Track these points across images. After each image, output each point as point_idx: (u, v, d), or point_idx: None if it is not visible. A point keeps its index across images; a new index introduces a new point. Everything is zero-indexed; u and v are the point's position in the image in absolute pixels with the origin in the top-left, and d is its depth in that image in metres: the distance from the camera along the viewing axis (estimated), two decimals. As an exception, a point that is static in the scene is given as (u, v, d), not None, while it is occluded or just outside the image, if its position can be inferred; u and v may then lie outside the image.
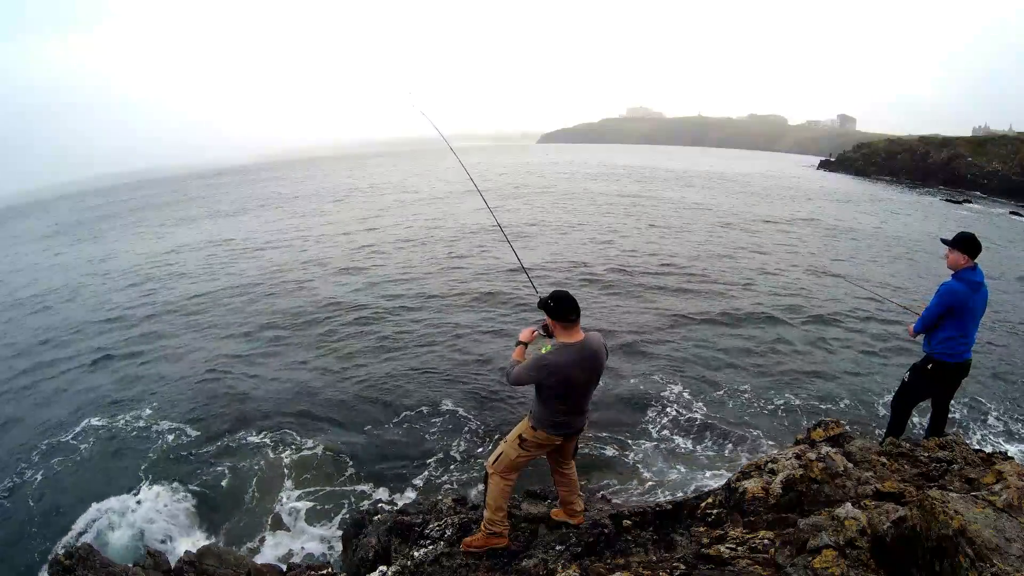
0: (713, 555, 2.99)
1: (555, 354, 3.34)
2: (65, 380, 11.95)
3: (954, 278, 4.42)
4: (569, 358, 3.32)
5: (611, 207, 32.74)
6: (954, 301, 4.33)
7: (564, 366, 3.30)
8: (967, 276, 4.37)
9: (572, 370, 3.32)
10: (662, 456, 7.99)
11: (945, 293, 4.38)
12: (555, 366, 3.31)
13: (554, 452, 3.75)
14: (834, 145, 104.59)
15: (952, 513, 2.37)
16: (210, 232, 30.50)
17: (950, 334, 4.43)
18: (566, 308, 3.32)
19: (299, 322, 14.01)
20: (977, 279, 4.37)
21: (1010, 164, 45.33)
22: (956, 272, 4.42)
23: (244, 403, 9.95)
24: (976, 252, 4.37)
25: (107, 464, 8.54)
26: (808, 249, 21.57)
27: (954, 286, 4.37)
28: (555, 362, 3.31)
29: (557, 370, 3.31)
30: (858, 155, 69.55)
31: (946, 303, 4.36)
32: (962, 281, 4.36)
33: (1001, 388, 9.79)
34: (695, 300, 14.70)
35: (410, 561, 4.00)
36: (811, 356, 11.16)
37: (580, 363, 3.33)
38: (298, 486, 7.74)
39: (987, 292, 4.48)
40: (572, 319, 3.34)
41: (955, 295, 4.33)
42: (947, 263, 4.52)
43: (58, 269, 25.03)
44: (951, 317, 4.39)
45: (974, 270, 4.37)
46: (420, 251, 21.39)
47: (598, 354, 3.41)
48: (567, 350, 3.34)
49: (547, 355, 3.34)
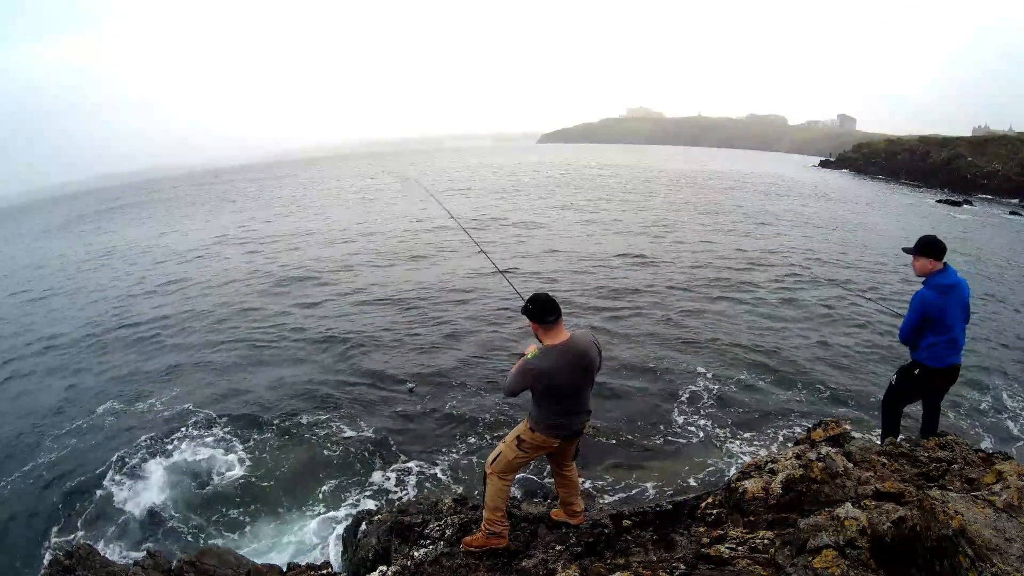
0: (713, 555, 2.99)
1: (538, 359, 3.30)
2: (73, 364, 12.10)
3: (925, 286, 4.37)
4: (552, 361, 3.28)
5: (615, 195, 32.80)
6: (927, 309, 4.29)
7: (548, 370, 3.27)
8: (937, 281, 4.32)
9: (557, 373, 3.28)
10: (662, 456, 7.99)
11: (917, 303, 4.34)
12: (539, 371, 3.28)
13: (554, 454, 3.74)
14: (834, 145, 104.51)
15: (952, 513, 2.37)
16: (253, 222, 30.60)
17: (933, 340, 4.38)
18: (542, 309, 3.30)
19: (302, 321, 14.01)
20: (948, 281, 4.31)
21: (1010, 164, 45.30)
22: (926, 279, 4.38)
23: (244, 402, 9.96)
24: (942, 254, 4.32)
25: (101, 456, 8.55)
26: (807, 249, 21.57)
27: (925, 294, 4.32)
28: (538, 367, 3.28)
29: (541, 375, 3.28)
30: (858, 155, 69.61)
31: (920, 311, 4.32)
32: (932, 288, 4.32)
33: (1002, 388, 9.78)
34: (694, 301, 14.70)
35: (410, 561, 3.99)
36: (810, 358, 11.15)
37: (565, 365, 3.30)
38: (298, 486, 7.74)
39: (965, 290, 4.41)
40: (550, 320, 3.31)
41: (927, 303, 4.30)
42: (915, 271, 4.47)
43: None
44: (930, 324, 4.34)
45: (944, 272, 4.32)
46: (421, 252, 21.40)
47: (585, 353, 3.36)
48: (550, 353, 3.31)
49: (530, 360, 3.31)
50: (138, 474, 8.15)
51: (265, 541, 6.87)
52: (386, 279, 17.61)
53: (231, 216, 37.26)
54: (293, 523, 7.11)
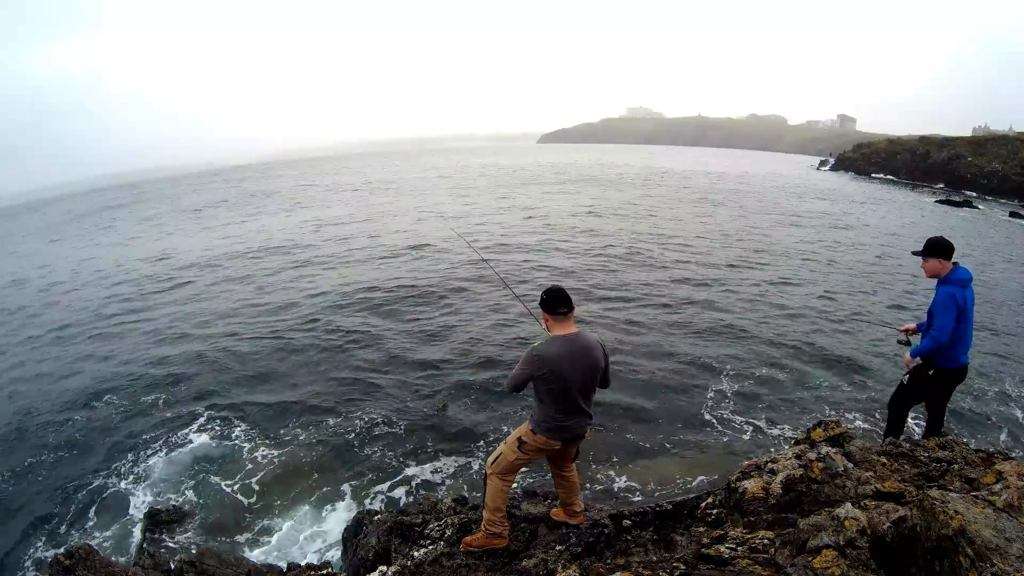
0: (713, 555, 2.99)
1: (544, 345, 3.41)
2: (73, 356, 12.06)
3: (948, 283, 4.32)
4: (558, 349, 3.37)
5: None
6: (958, 302, 4.24)
7: (553, 356, 3.35)
8: (956, 276, 4.28)
9: (562, 360, 3.35)
10: (663, 456, 7.99)
11: (950, 300, 4.24)
12: (544, 356, 3.35)
13: (555, 456, 3.74)
14: (834, 145, 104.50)
15: (952, 513, 2.36)
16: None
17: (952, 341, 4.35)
18: (555, 300, 3.44)
19: (306, 320, 14.01)
20: (965, 276, 4.30)
21: (1010, 164, 45.31)
22: (944, 277, 4.35)
23: (244, 402, 9.95)
24: (951, 253, 4.31)
25: (104, 454, 8.57)
26: (804, 248, 21.58)
27: (954, 291, 4.26)
28: (544, 352, 3.36)
29: (546, 360, 3.34)
30: (858, 155, 69.59)
31: (955, 309, 4.22)
32: (954, 283, 4.28)
33: (1002, 388, 9.78)
34: (696, 302, 14.70)
35: (410, 561, 3.99)
36: (809, 357, 11.15)
37: (569, 354, 3.37)
38: (298, 486, 7.73)
39: (972, 289, 4.41)
40: (562, 311, 3.44)
41: (956, 297, 4.25)
42: (926, 274, 4.44)
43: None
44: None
45: (957, 269, 4.32)
46: (424, 252, 21.40)
47: (590, 349, 3.45)
48: (556, 341, 3.41)
49: (537, 347, 3.41)
50: (139, 474, 8.16)
51: (265, 541, 6.87)
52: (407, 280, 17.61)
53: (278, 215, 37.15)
54: (293, 523, 7.11)
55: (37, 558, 6.76)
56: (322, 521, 7.10)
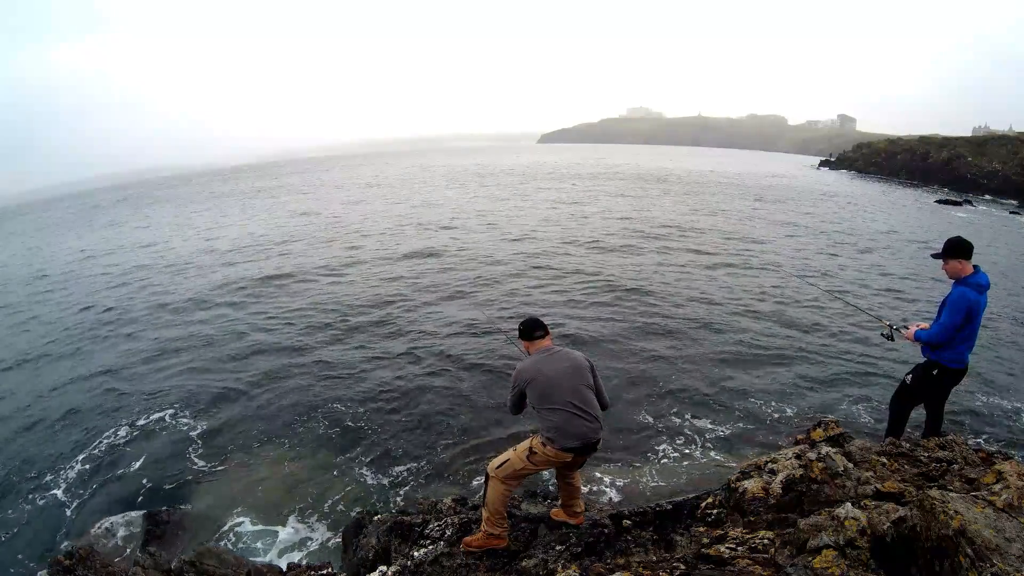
0: (713, 555, 2.99)
1: (523, 362, 3.78)
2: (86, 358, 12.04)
3: (963, 285, 4.31)
4: (536, 358, 3.71)
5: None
6: (970, 305, 4.25)
7: (532, 364, 3.68)
8: (974, 280, 4.29)
9: (540, 364, 3.65)
10: (663, 456, 7.98)
11: (962, 303, 4.25)
12: (525, 367, 3.69)
13: (562, 466, 3.77)
14: (834, 145, 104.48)
15: (952, 513, 2.36)
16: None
17: (957, 340, 4.36)
18: (530, 326, 3.85)
19: (307, 320, 14.01)
20: (984, 282, 4.30)
21: (1010, 164, 45.31)
22: (962, 279, 4.34)
23: (244, 401, 9.96)
24: (971, 253, 4.31)
25: (104, 454, 8.56)
26: (803, 247, 21.58)
27: (968, 293, 4.26)
28: (524, 365, 3.72)
29: (527, 369, 3.66)
30: (858, 155, 69.59)
31: (965, 311, 4.24)
32: (971, 286, 4.28)
33: (1002, 388, 9.77)
34: (691, 306, 14.70)
35: (410, 561, 3.99)
36: (809, 357, 11.15)
37: (549, 359, 3.68)
38: (298, 486, 7.73)
39: (987, 296, 4.42)
40: (537, 335, 3.83)
41: (969, 300, 4.25)
42: (948, 275, 4.44)
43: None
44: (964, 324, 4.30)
45: (977, 273, 4.32)
46: (430, 256, 21.42)
47: (570, 354, 3.75)
48: (535, 355, 3.77)
49: (518, 365, 3.76)
50: (139, 473, 8.15)
51: (265, 541, 6.86)
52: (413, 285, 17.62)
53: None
54: (293, 524, 7.10)
55: (37, 558, 6.76)
56: (322, 521, 7.10)
